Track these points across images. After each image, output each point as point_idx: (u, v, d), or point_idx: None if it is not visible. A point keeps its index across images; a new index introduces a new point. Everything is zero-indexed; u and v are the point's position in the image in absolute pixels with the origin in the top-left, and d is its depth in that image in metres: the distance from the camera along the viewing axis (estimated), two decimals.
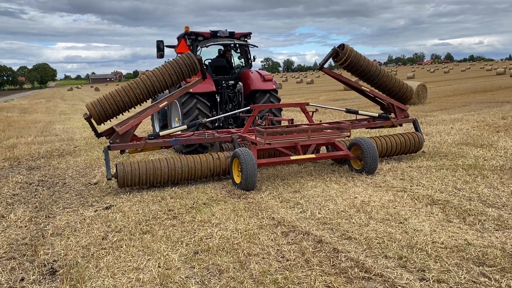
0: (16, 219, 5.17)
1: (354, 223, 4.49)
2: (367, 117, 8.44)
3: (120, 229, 4.67)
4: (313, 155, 6.65)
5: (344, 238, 4.12)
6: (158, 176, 6.24)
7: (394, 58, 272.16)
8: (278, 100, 9.44)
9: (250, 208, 5.20)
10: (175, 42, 10.31)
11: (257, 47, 10.16)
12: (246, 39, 9.97)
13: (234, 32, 9.73)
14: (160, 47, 9.96)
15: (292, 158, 6.46)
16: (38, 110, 28.46)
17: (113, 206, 5.56)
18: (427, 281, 3.24)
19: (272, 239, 4.17)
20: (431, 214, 4.68)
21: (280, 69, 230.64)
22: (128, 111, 6.91)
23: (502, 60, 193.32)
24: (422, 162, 7.21)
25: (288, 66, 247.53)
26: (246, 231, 4.38)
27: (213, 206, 5.35)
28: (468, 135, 9.47)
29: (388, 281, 3.26)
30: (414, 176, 6.32)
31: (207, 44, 9.51)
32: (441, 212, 4.73)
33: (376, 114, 8.35)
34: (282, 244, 4.05)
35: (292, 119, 7.93)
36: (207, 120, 7.57)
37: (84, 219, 5.05)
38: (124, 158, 8.95)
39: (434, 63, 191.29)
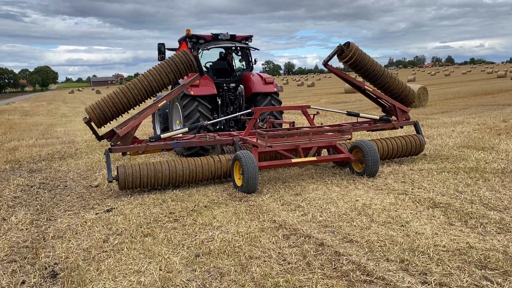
0: (17, 221, 5.17)
1: (355, 226, 4.48)
2: (368, 119, 8.44)
3: (121, 232, 4.66)
4: (314, 158, 6.64)
5: (345, 241, 4.11)
6: (159, 178, 6.24)
7: (395, 61, 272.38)
8: (279, 102, 9.44)
9: (251, 211, 5.20)
10: (177, 45, 10.34)
11: (258, 50, 10.19)
12: (247, 42, 9.98)
13: (235, 35, 9.75)
14: (161, 50, 9.98)
15: (293, 161, 6.45)
16: (39, 112, 28.51)
17: (114, 208, 5.56)
18: (429, 284, 3.23)
19: (273, 242, 4.16)
20: (433, 217, 4.67)
21: (281, 72, 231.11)
22: (127, 113, 6.91)
23: (503, 63, 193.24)
24: (424, 165, 7.20)
25: (289, 69, 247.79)
26: (247, 234, 4.38)
27: (214, 209, 5.34)
28: (469, 138, 9.46)
29: (390, 284, 3.25)
30: (415, 179, 6.31)
31: (208, 47, 9.52)
32: (442, 215, 4.72)
33: (377, 117, 8.35)
34: (283, 247, 4.04)
35: (293, 122, 7.92)
36: (208, 123, 7.57)
37: (85, 222, 5.05)
38: (125, 160, 8.96)
39: (435, 66, 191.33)
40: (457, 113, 14.99)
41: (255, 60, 10.17)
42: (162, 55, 10.02)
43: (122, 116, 6.86)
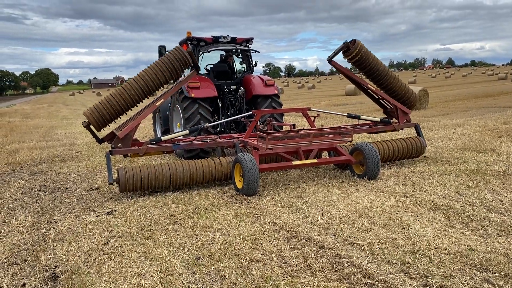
0: (17, 224, 5.17)
1: (356, 228, 4.47)
2: (369, 122, 8.43)
3: (121, 234, 4.66)
4: (315, 160, 6.64)
5: (346, 243, 4.10)
6: (159, 181, 6.24)
7: (395, 63, 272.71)
8: (279, 105, 9.45)
9: (252, 214, 5.19)
10: None
11: (258, 52, 10.19)
12: (248, 45, 10.00)
13: (236, 37, 9.76)
14: (162, 52, 9.98)
15: (294, 163, 6.45)
16: (40, 115, 28.54)
17: (115, 211, 5.55)
18: (430, 287, 3.22)
19: (274, 245, 4.16)
20: (434, 219, 4.66)
21: (282, 74, 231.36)
22: (126, 114, 6.89)
23: (503, 65, 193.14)
24: (425, 167, 7.19)
25: (290, 71, 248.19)
26: (248, 237, 4.37)
27: (215, 211, 5.34)
28: (470, 140, 9.45)
29: (391, 287, 3.24)
30: (416, 181, 6.31)
31: (209, 49, 9.53)
32: (443, 217, 4.71)
33: (378, 119, 8.35)
34: (284, 249, 4.03)
35: (294, 124, 7.93)
36: (209, 125, 7.57)
37: (86, 224, 5.04)
38: (125, 163, 8.96)
39: (435, 68, 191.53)
40: (458, 115, 14.99)
41: (255, 62, 10.18)
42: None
43: (121, 118, 6.85)
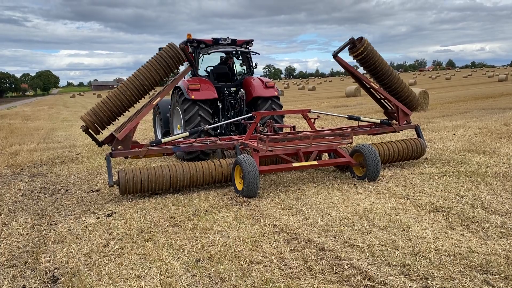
0: (18, 226, 5.17)
1: (356, 230, 4.47)
2: (369, 123, 8.43)
3: (122, 236, 4.66)
4: (315, 162, 6.63)
5: (346, 245, 4.10)
6: (160, 183, 6.24)
7: (396, 64, 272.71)
8: (280, 107, 9.45)
9: (252, 216, 5.19)
10: None
11: (258, 54, 10.21)
12: (248, 46, 10.01)
13: (236, 39, 9.78)
14: None
15: (294, 165, 6.45)
16: (40, 117, 28.55)
17: (115, 213, 5.55)
18: None
19: (274, 247, 4.15)
20: (434, 221, 4.66)
21: (282, 76, 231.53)
22: (123, 115, 6.88)
23: (503, 66, 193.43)
24: (425, 169, 7.18)
25: (290, 72, 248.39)
26: (248, 239, 4.37)
27: (215, 213, 5.33)
28: (470, 141, 9.44)
29: None
30: (416, 183, 6.30)
31: (209, 51, 9.54)
32: (444, 219, 4.71)
33: (378, 120, 8.35)
34: (284, 251, 4.03)
35: (294, 126, 7.93)
36: (209, 127, 7.57)
37: (86, 227, 5.04)
38: (126, 165, 8.96)
39: (435, 70, 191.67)
40: (458, 116, 14.98)
41: (255, 64, 10.19)
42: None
43: (118, 119, 6.84)
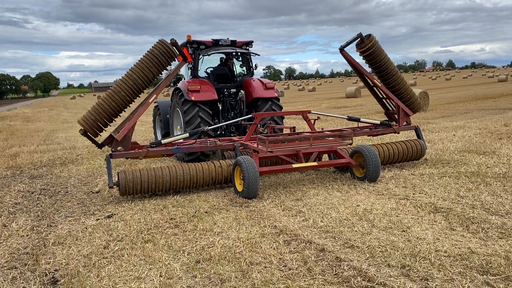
0: (18, 228, 5.17)
1: (356, 231, 4.47)
2: (369, 124, 8.43)
3: (121, 238, 4.65)
4: (315, 163, 6.63)
5: (346, 246, 4.10)
6: (159, 184, 6.24)
7: (396, 65, 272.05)
8: (280, 108, 9.45)
9: (252, 217, 5.19)
10: None
11: (258, 55, 10.21)
12: (247, 48, 10.01)
13: (236, 40, 9.78)
14: None
15: (294, 166, 6.44)
16: (41, 118, 28.57)
17: (115, 214, 5.55)
18: None
19: (274, 248, 4.15)
20: (434, 222, 4.66)
21: (282, 77, 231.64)
22: (120, 116, 6.86)
23: (503, 67, 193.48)
24: (425, 169, 7.18)
25: (290, 74, 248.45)
26: (248, 240, 4.37)
27: (215, 214, 5.33)
28: (470, 142, 9.44)
29: None
30: (416, 183, 6.30)
31: (209, 53, 9.55)
32: (444, 220, 4.71)
33: (378, 122, 8.35)
34: (284, 252, 4.03)
35: (294, 127, 7.93)
36: (209, 128, 7.57)
37: (86, 228, 5.04)
38: (126, 166, 8.96)
39: (435, 70, 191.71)
40: (458, 117, 14.98)
41: (255, 65, 10.20)
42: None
43: (115, 120, 6.82)
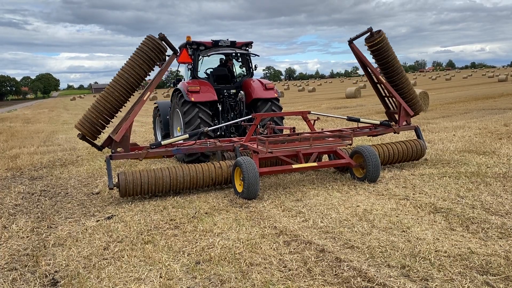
0: (18, 229, 5.17)
1: (356, 231, 4.47)
2: (369, 124, 8.44)
3: (121, 239, 4.66)
4: (315, 164, 6.63)
5: (346, 247, 4.10)
6: (159, 185, 6.24)
7: None
8: (279, 108, 9.46)
9: (252, 217, 5.19)
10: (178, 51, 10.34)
11: (258, 56, 10.22)
12: (247, 48, 10.02)
13: (236, 41, 9.79)
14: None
15: (294, 166, 6.44)
16: (41, 120, 28.58)
17: (115, 216, 5.55)
18: None
19: (274, 249, 4.15)
20: (434, 222, 4.66)
21: (282, 77, 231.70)
22: (116, 116, 6.84)
23: (503, 67, 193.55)
24: (425, 169, 7.18)
25: (290, 74, 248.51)
26: (248, 241, 4.37)
27: (215, 215, 5.33)
28: (470, 142, 9.44)
29: None
30: (416, 184, 6.30)
31: (208, 54, 9.55)
32: (444, 220, 4.71)
33: (378, 122, 8.35)
34: (284, 253, 4.03)
35: (294, 128, 7.93)
36: (209, 129, 7.58)
37: (86, 229, 5.04)
38: (126, 167, 8.97)
39: (435, 71, 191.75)
40: (458, 117, 14.98)
41: (255, 66, 10.20)
42: (163, 62, 10.03)
43: (112, 121, 6.80)
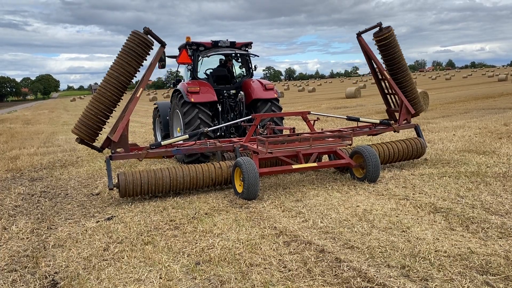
0: (17, 230, 5.17)
1: (356, 232, 4.47)
2: (369, 124, 8.43)
3: (121, 240, 4.65)
4: (315, 164, 6.63)
5: (346, 247, 4.10)
6: (159, 185, 6.24)
7: None
8: (279, 109, 9.46)
9: (252, 218, 5.19)
10: (177, 52, 10.36)
11: (258, 56, 10.23)
12: (247, 49, 10.03)
13: (235, 42, 9.80)
14: (161, 57, 9.98)
15: (294, 167, 6.44)
16: (41, 121, 28.58)
17: (115, 216, 5.55)
18: None
19: (274, 249, 4.15)
20: (434, 222, 4.66)
21: (282, 77, 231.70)
22: (111, 116, 6.81)
23: (503, 66, 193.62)
24: (425, 169, 7.18)
25: (290, 74, 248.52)
26: (248, 241, 4.37)
27: (215, 216, 5.33)
28: (470, 142, 9.44)
29: None
30: (416, 184, 6.30)
31: (208, 54, 9.56)
32: (444, 220, 4.70)
33: (377, 121, 8.35)
34: (284, 254, 4.03)
35: (294, 128, 7.93)
36: (208, 130, 7.58)
37: (86, 230, 5.04)
38: (126, 167, 8.97)
39: (435, 70, 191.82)
40: (458, 117, 14.98)
41: (255, 66, 10.21)
42: (162, 63, 10.02)
43: (108, 122, 6.79)
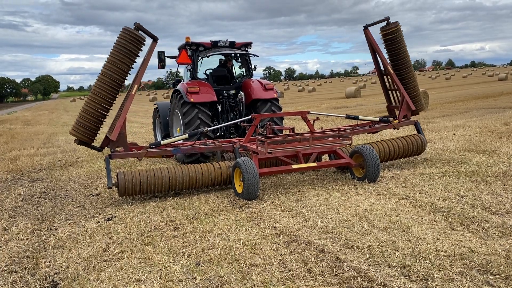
0: (18, 231, 5.17)
1: (356, 231, 4.46)
2: (368, 122, 8.43)
3: (121, 240, 4.65)
4: (314, 164, 6.63)
5: (346, 247, 4.09)
6: (159, 185, 6.23)
7: None
8: (279, 109, 9.45)
9: (252, 218, 5.18)
10: (177, 52, 10.36)
11: (257, 56, 10.23)
12: (246, 49, 10.02)
13: (235, 42, 9.79)
14: (161, 57, 9.98)
15: (293, 167, 6.44)
16: (41, 121, 28.58)
17: (115, 217, 5.55)
18: None
19: (274, 249, 4.15)
20: (434, 221, 4.65)
21: (282, 77, 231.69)
22: (108, 115, 6.78)
23: (503, 65, 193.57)
24: (425, 169, 7.18)
25: (290, 74, 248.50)
26: (248, 241, 4.36)
27: (215, 216, 5.33)
28: (470, 141, 9.44)
29: None
30: (416, 183, 6.29)
31: (208, 54, 9.56)
32: (444, 219, 4.70)
33: (377, 119, 8.35)
34: (284, 254, 4.02)
35: (294, 128, 7.92)
36: (208, 130, 7.57)
37: (86, 231, 5.04)
38: (125, 167, 8.96)
39: (435, 70, 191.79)
40: (458, 116, 14.98)
41: (254, 66, 10.20)
42: (162, 63, 10.02)
43: (105, 121, 6.78)
